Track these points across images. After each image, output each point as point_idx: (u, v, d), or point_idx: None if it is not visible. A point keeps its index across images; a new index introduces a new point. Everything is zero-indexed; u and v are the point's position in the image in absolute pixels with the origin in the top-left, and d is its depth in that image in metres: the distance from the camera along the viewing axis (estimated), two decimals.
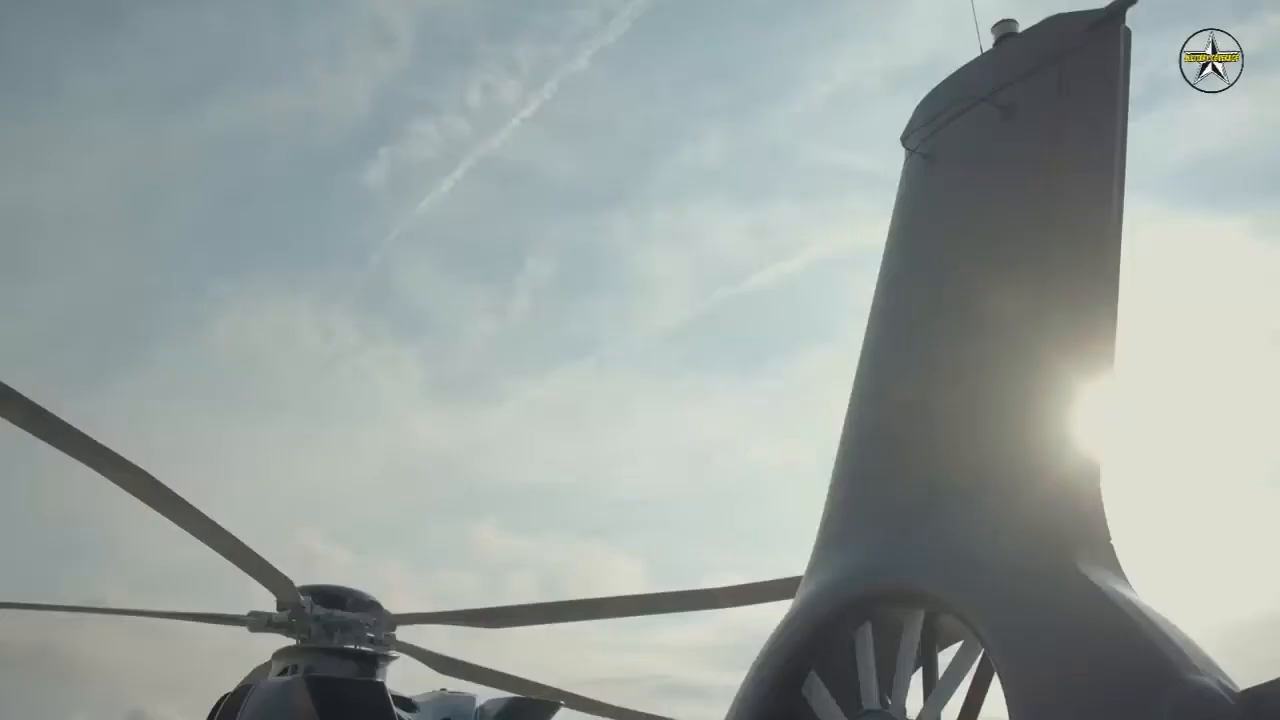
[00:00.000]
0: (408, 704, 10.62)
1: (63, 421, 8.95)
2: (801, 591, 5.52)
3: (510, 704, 11.22)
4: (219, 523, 10.33)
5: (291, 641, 11.71)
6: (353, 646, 11.50)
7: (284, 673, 11.24)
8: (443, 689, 11.63)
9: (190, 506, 9.99)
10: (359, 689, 10.58)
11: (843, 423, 5.73)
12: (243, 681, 12.18)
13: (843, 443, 5.66)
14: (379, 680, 11.28)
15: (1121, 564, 4.44)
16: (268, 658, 12.25)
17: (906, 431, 5.35)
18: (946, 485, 4.98)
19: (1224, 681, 4.03)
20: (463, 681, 12.24)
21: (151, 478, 9.57)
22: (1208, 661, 4.09)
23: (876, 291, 5.82)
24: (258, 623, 11.75)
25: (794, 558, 5.90)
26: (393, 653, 11.93)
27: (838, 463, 5.65)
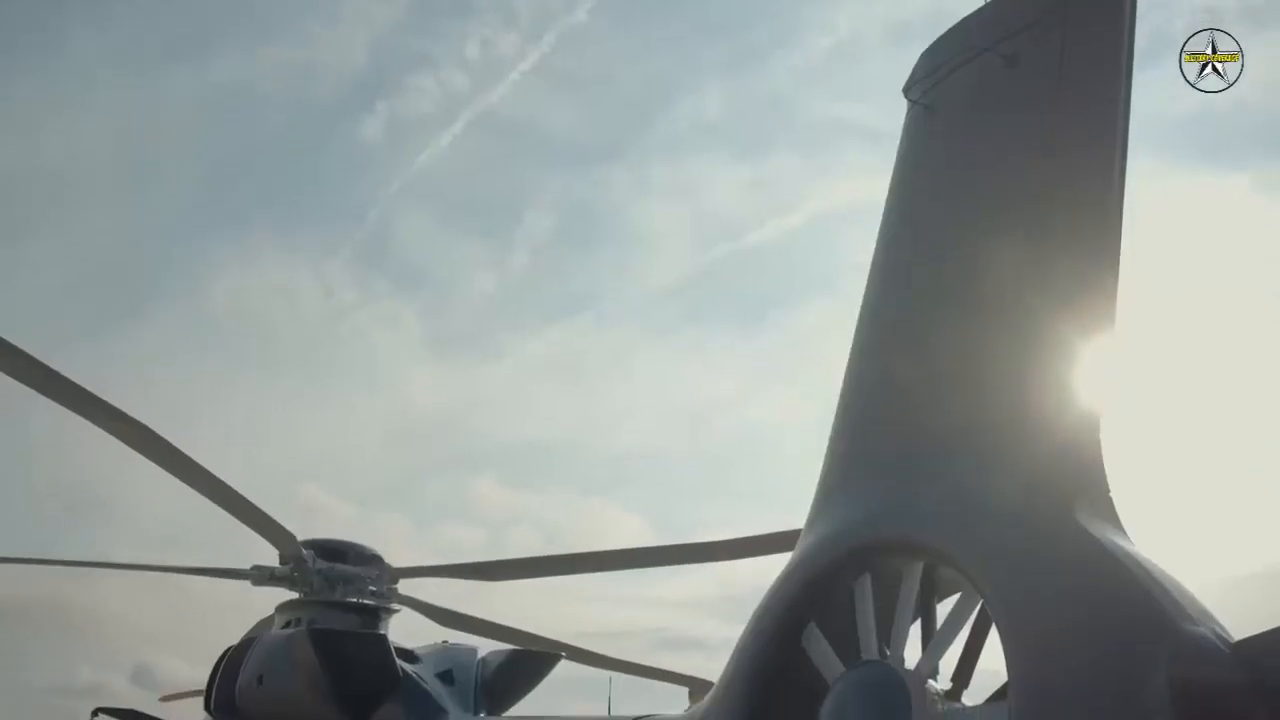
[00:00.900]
0: (410, 656, 10.68)
1: (62, 375, 8.94)
2: (801, 544, 5.56)
3: (511, 655, 11.29)
4: (220, 477, 10.34)
5: (294, 595, 11.75)
6: (355, 600, 11.54)
7: (287, 626, 11.29)
8: (444, 641, 11.70)
9: (191, 460, 9.99)
10: (361, 641, 10.63)
11: (843, 376, 5.73)
12: (246, 635, 12.25)
13: (842, 396, 5.67)
14: (381, 633, 11.33)
15: (1120, 517, 4.48)
16: (271, 612, 12.31)
17: (906, 385, 5.36)
18: (946, 439, 5.00)
19: (1219, 632, 4.07)
20: (464, 634, 12.32)
21: (152, 431, 9.58)
22: (1204, 612, 4.13)
23: (877, 244, 5.80)
24: (260, 576, 11.79)
25: (794, 511, 5.93)
26: (395, 606, 11.96)
27: (837, 416, 5.66)
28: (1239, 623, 4.10)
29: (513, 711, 10.82)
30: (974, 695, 4.89)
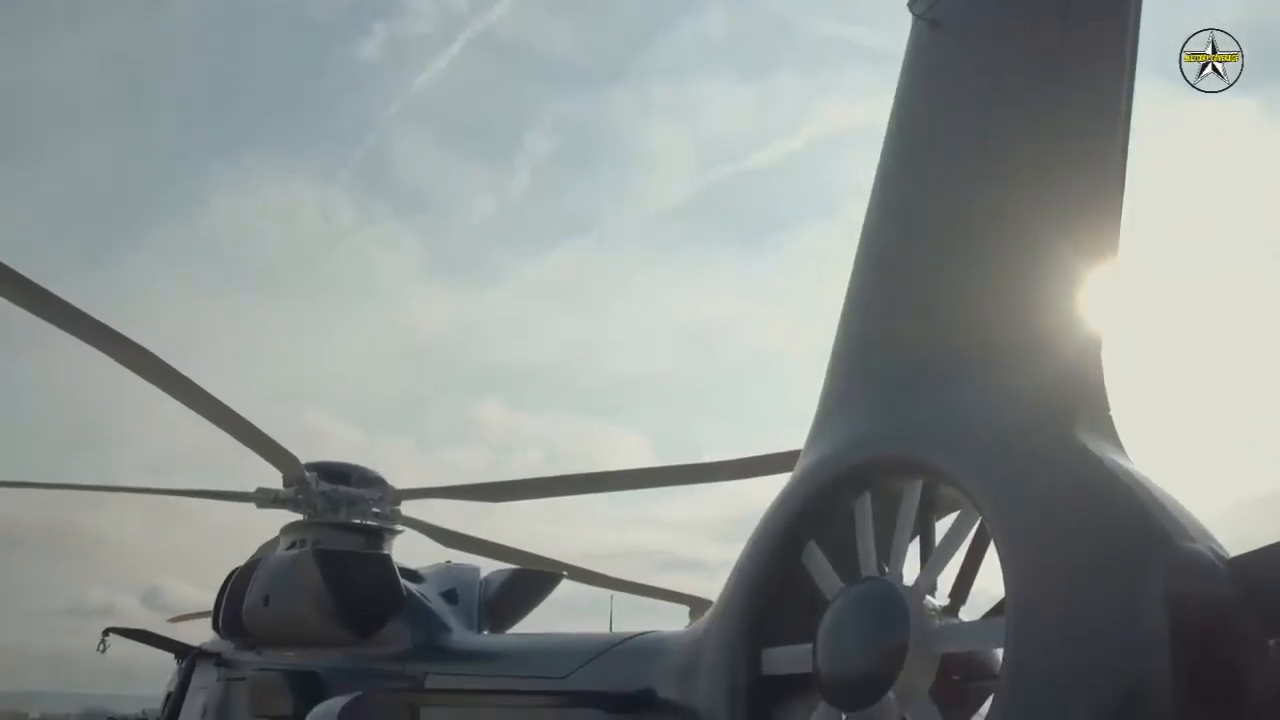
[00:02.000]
0: (414, 576, 10.77)
1: (60, 298, 8.90)
2: (801, 463, 5.58)
3: (513, 575, 11.41)
4: (222, 400, 10.36)
5: (298, 517, 11.83)
6: (359, 521, 11.63)
7: (291, 547, 11.39)
8: (447, 561, 11.81)
9: (192, 383, 10.00)
10: (366, 561, 10.71)
11: (844, 296, 5.71)
12: (252, 556, 12.36)
13: (843, 316, 5.65)
14: (385, 553, 11.43)
15: (1121, 437, 4.48)
16: (276, 535, 12.43)
17: (908, 304, 5.35)
18: (947, 357, 4.99)
19: (1215, 549, 4.10)
20: (467, 555, 12.44)
21: (152, 354, 9.56)
22: (1201, 530, 4.16)
23: (879, 163, 5.73)
24: (264, 498, 11.87)
25: (794, 433, 5.94)
26: (398, 527, 12.06)
27: (838, 335, 5.65)
28: (1248, 545, 4.12)
29: (515, 629, 10.98)
30: (971, 611, 4.94)
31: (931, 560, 4.93)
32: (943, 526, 5.01)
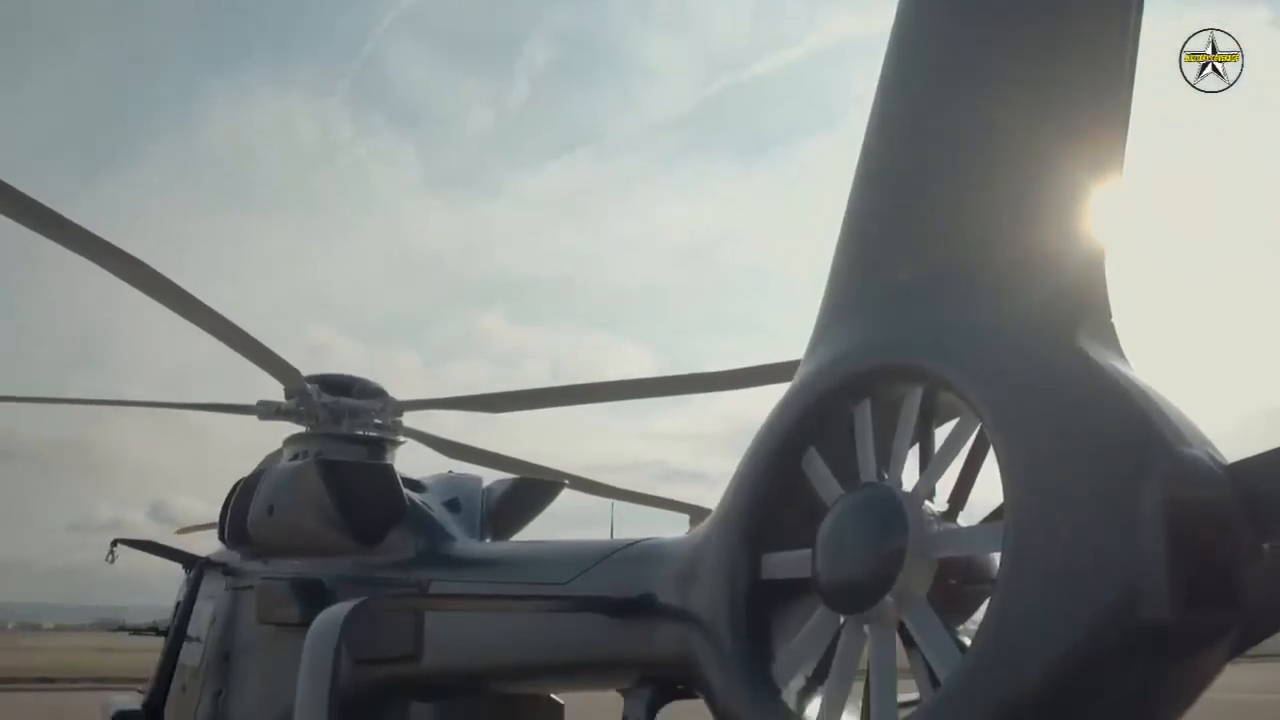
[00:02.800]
0: (416, 485, 10.86)
1: (55, 212, 8.82)
2: (801, 372, 5.58)
3: (515, 484, 11.50)
4: (222, 313, 10.33)
5: (301, 429, 11.89)
6: (361, 433, 11.68)
7: (295, 458, 11.46)
8: (449, 471, 11.90)
9: (191, 296, 9.95)
10: (368, 471, 10.80)
11: (845, 207, 5.65)
12: (256, 468, 12.46)
13: (844, 226, 5.60)
14: (388, 463, 11.51)
15: (1122, 346, 4.47)
16: (279, 447, 12.50)
17: (910, 212, 5.29)
18: (949, 265, 4.96)
19: (1214, 454, 4.13)
20: (469, 466, 12.52)
21: (149, 268, 9.50)
22: (1200, 436, 4.18)
23: (881, 72, 5.63)
24: (266, 411, 11.91)
25: (796, 345, 5.92)
26: (400, 438, 12.12)
27: (839, 246, 5.60)
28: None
29: (517, 537, 11.10)
30: (969, 518, 4.98)
31: (930, 466, 4.96)
32: (942, 434, 5.03)
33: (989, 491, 4.70)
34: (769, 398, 5.70)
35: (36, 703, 31.43)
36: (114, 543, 13.83)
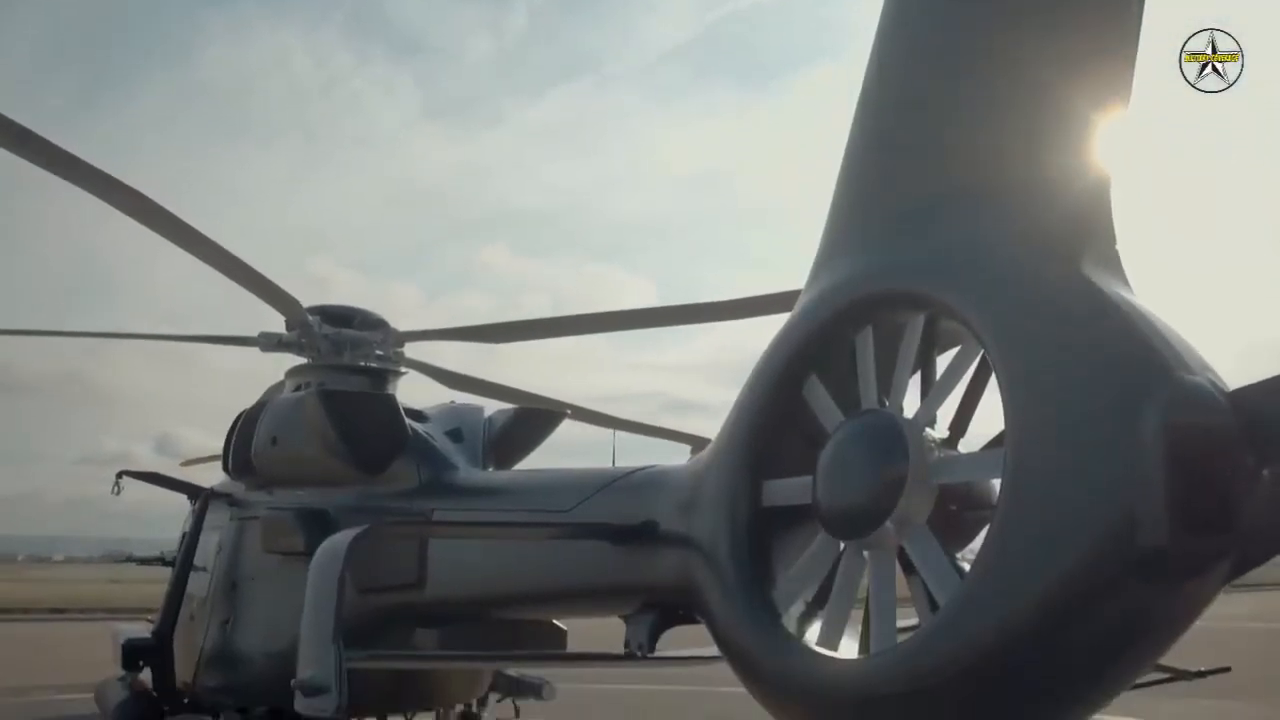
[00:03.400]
0: (419, 415, 10.89)
1: (55, 145, 8.72)
2: (802, 300, 5.55)
3: (517, 413, 11.53)
4: (221, 244, 10.26)
5: (302, 360, 11.90)
6: (362, 363, 11.69)
7: (297, 389, 11.48)
8: (451, 401, 11.92)
9: (191, 228, 9.87)
10: (370, 401, 10.83)
11: (847, 134, 5.59)
12: (259, 399, 12.48)
13: (847, 153, 5.54)
14: (389, 392, 11.53)
15: (1127, 273, 4.44)
16: (281, 379, 12.51)
17: (912, 139, 5.23)
18: (951, 192, 4.91)
19: (1215, 381, 4.11)
20: (471, 396, 12.54)
21: (148, 199, 9.41)
22: (1201, 362, 4.16)
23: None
24: (268, 342, 11.90)
25: (798, 277, 5.89)
26: (401, 369, 12.13)
27: (841, 173, 5.55)
28: None
29: (518, 467, 11.15)
30: (970, 446, 4.99)
31: (931, 394, 4.96)
32: (944, 362, 5.02)
33: (990, 422, 4.71)
34: (771, 328, 5.69)
35: (49, 633, 31.90)
36: (119, 475, 13.90)
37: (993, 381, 4.48)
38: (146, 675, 11.48)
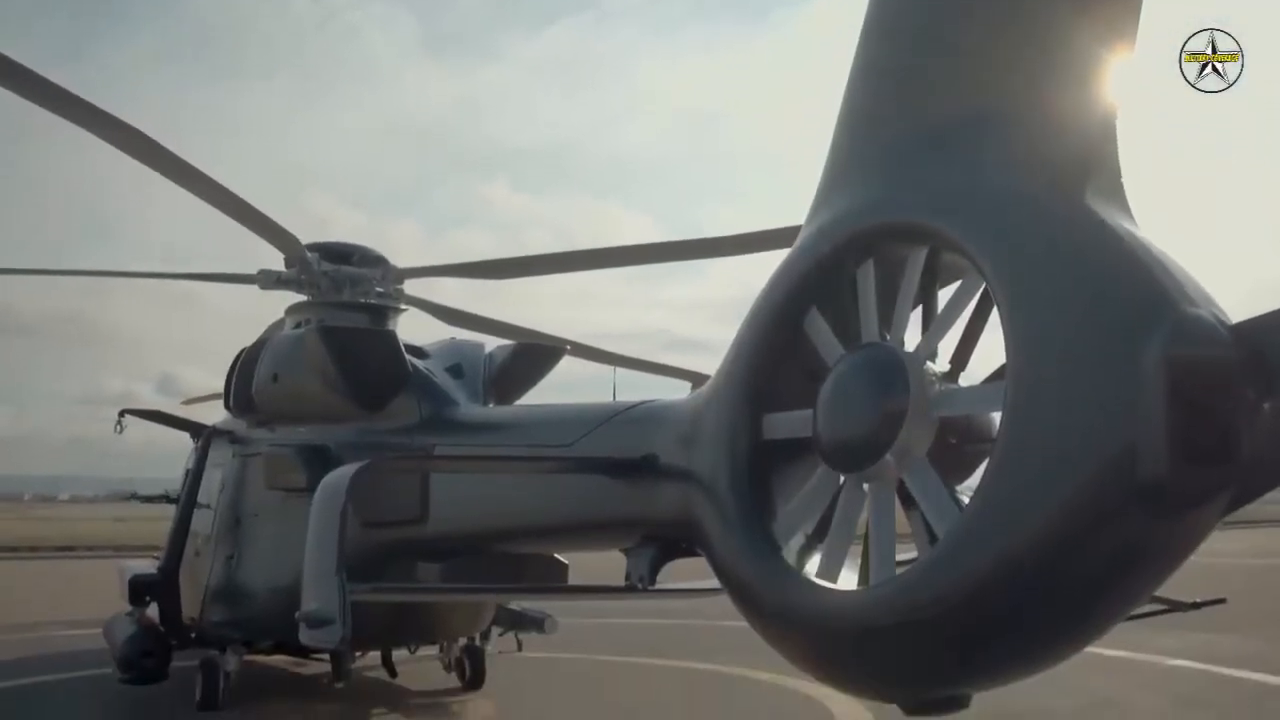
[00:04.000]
0: (419, 352, 10.91)
1: (53, 82, 8.62)
2: (802, 234, 5.51)
3: (517, 349, 11.54)
4: (219, 181, 10.19)
5: (303, 298, 11.89)
6: (362, 300, 11.67)
7: (297, 327, 11.48)
8: (452, 338, 11.93)
9: (190, 166, 9.79)
10: (371, 337, 10.84)
11: (849, 66, 5.51)
12: (260, 337, 12.50)
13: (849, 87, 5.47)
14: (390, 329, 11.54)
15: (1131, 206, 4.40)
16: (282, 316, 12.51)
17: (914, 71, 5.15)
18: (954, 124, 4.85)
19: (1218, 313, 4.09)
20: (471, 333, 12.53)
21: (146, 136, 9.33)
22: (1204, 296, 4.13)
23: None
24: (267, 280, 11.88)
25: (799, 214, 5.83)
26: (401, 305, 12.12)
27: (843, 107, 5.48)
28: None
29: (519, 403, 11.19)
30: (970, 380, 4.98)
31: (933, 327, 4.94)
32: (945, 296, 4.99)
33: (992, 352, 4.70)
34: (772, 265, 5.65)
35: (58, 570, 32.22)
36: (121, 413, 13.97)
37: (994, 316, 4.46)
38: (153, 611, 11.63)
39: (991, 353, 4.69)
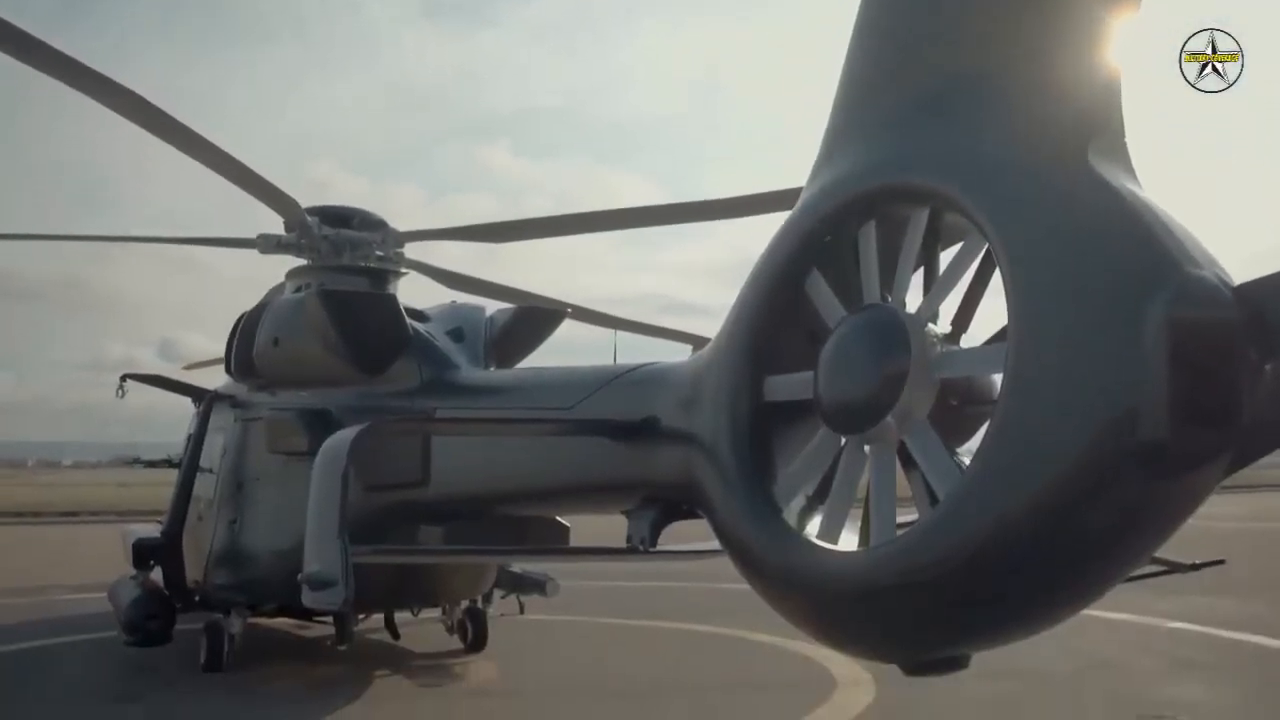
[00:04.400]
0: (420, 315, 10.91)
1: (52, 47, 8.55)
2: (804, 195, 5.47)
3: (518, 312, 11.55)
4: (218, 145, 10.14)
5: (303, 262, 11.87)
6: (362, 264, 11.65)
7: (297, 291, 11.48)
8: (452, 302, 11.92)
9: (189, 130, 9.74)
10: (371, 300, 10.84)
11: (852, 25, 5.46)
12: (260, 301, 12.50)
13: (851, 45, 5.41)
14: (390, 292, 11.53)
15: (1135, 166, 4.37)
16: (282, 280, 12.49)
17: (917, 31, 5.09)
18: (956, 83, 4.80)
19: (1221, 275, 4.07)
20: (472, 297, 12.53)
21: (146, 101, 9.27)
22: (1208, 257, 4.11)
23: None
24: (267, 244, 11.86)
25: (803, 177, 5.80)
26: (402, 269, 12.10)
27: (845, 66, 5.42)
28: None
29: (519, 366, 11.19)
30: (973, 342, 4.97)
31: (934, 288, 4.91)
32: (948, 258, 4.96)
33: (994, 314, 4.68)
34: (773, 228, 5.62)
35: (62, 535, 32.38)
36: (123, 378, 13.99)
37: (996, 278, 4.44)
38: (158, 574, 11.70)
39: (993, 315, 4.67)
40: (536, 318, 11.64)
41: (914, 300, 4.89)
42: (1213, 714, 9.44)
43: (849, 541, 4.98)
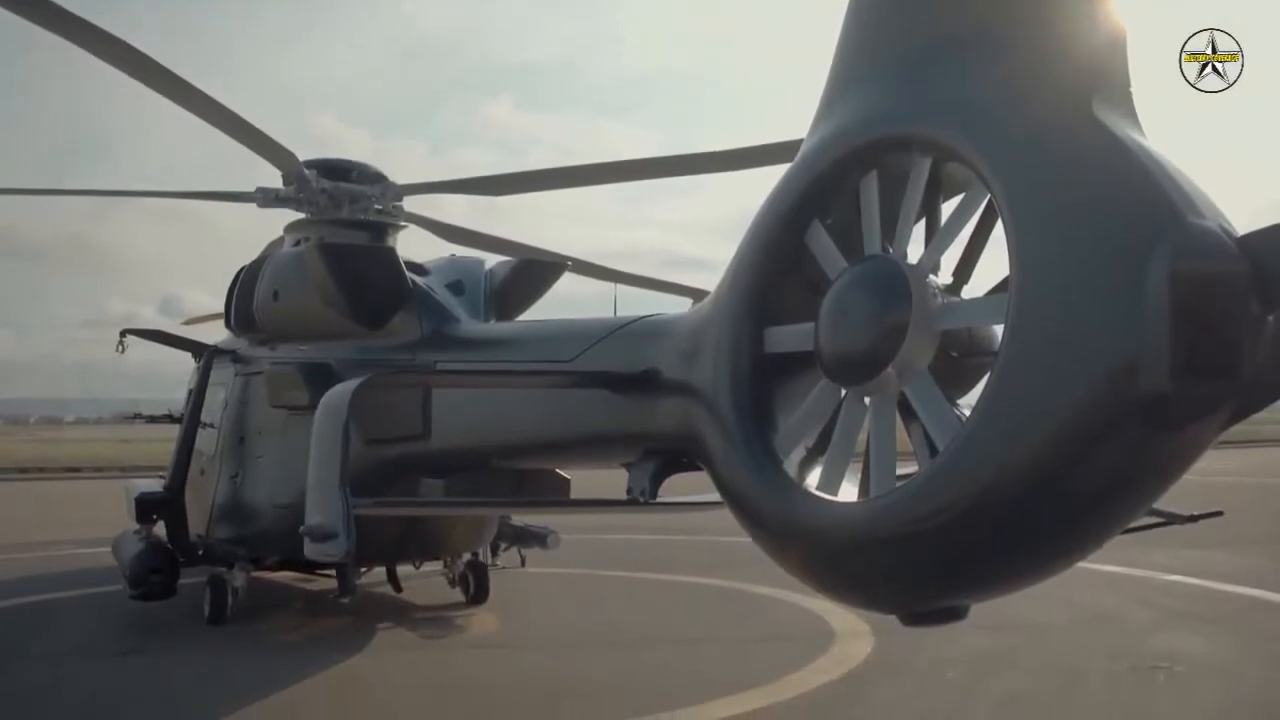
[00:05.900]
0: (419, 269, 10.87)
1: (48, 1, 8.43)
2: (805, 146, 5.43)
3: (518, 265, 11.51)
4: (215, 98, 10.05)
5: (301, 216, 11.82)
6: (362, 217, 11.59)
7: (296, 244, 11.43)
8: (452, 255, 11.88)
9: (186, 82, 9.63)
10: (371, 253, 10.80)
11: None
12: (259, 255, 12.47)
13: (850, 2, 5.35)
14: (390, 245, 11.48)
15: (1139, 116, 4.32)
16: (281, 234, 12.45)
17: None
18: (958, 33, 4.73)
19: (1225, 225, 4.03)
20: (471, 251, 12.48)
21: (142, 53, 9.16)
22: (1212, 207, 4.07)
23: None
24: (265, 198, 11.78)
25: (800, 129, 5.74)
26: (401, 222, 12.04)
27: (846, 17, 5.36)
28: None
29: (519, 319, 11.17)
30: (974, 293, 4.95)
31: (936, 239, 4.89)
32: (949, 209, 4.93)
33: (995, 266, 4.65)
34: (772, 182, 5.57)
35: (65, 490, 32.54)
36: (123, 333, 14.01)
37: (998, 230, 4.41)
38: (161, 529, 11.76)
39: (995, 267, 4.64)
40: (536, 271, 11.61)
41: (915, 251, 4.87)
42: (1209, 665, 9.51)
43: (849, 493, 4.99)
